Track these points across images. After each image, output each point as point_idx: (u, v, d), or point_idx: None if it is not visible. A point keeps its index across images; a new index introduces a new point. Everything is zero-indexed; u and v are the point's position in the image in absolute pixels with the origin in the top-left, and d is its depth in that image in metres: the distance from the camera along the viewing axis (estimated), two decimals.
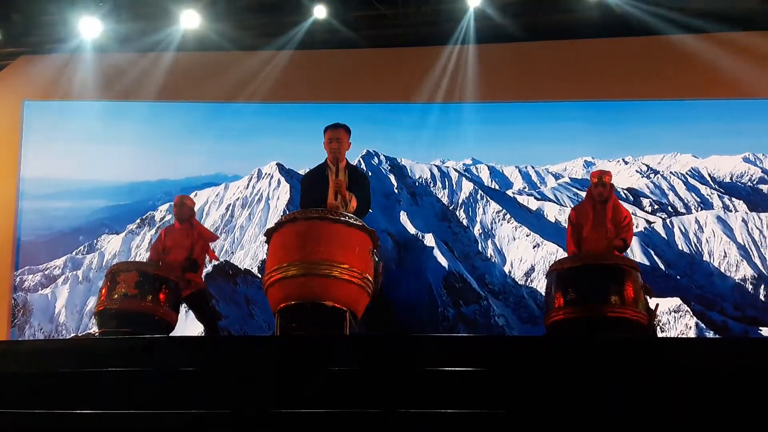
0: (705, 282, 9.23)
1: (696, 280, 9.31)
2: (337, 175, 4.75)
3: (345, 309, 4.01)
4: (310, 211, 4.24)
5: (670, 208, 9.99)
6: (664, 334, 8.36)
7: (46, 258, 9.60)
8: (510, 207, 10.39)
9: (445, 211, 10.30)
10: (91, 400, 2.98)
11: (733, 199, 9.82)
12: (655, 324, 4.98)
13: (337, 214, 4.20)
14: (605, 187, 5.53)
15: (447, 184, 10.52)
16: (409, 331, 9.10)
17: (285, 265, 4.04)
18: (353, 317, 4.08)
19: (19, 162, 8.74)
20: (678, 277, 9.30)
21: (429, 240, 9.98)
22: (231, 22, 8.19)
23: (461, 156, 10.41)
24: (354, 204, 4.68)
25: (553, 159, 10.24)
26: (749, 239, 9.28)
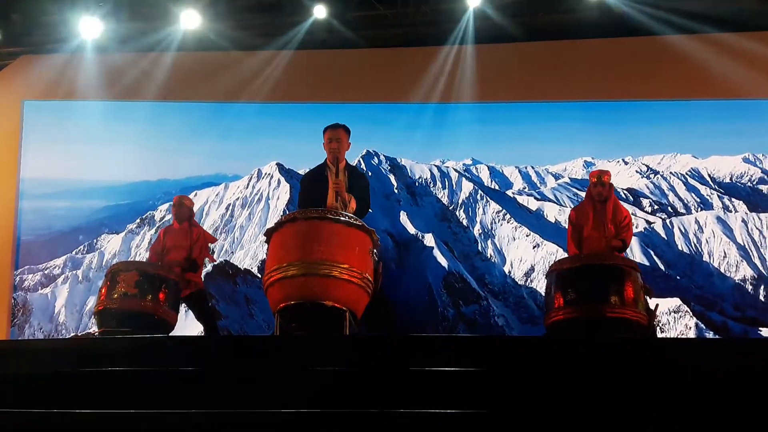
0: (705, 282, 9.23)
1: (696, 281, 9.31)
2: (337, 176, 4.75)
3: (345, 309, 4.01)
4: (310, 211, 4.24)
5: (669, 208, 9.98)
6: (664, 335, 8.35)
7: (45, 258, 9.60)
8: (510, 207, 10.39)
9: (445, 211, 10.30)
10: (91, 399, 2.98)
11: (732, 199, 9.82)
12: (655, 324, 4.98)
13: (337, 214, 4.20)
14: (604, 187, 5.54)
15: (447, 184, 10.52)
16: (409, 331, 9.10)
17: (285, 265, 4.04)
18: (353, 317, 4.08)
19: (19, 162, 8.74)
20: (678, 277, 9.30)
21: (429, 240, 9.98)
22: (231, 22, 8.19)
23: (461, 156, 10.41)
24: (353, 205, 4.68)
25: (553, 159, 10.25)
26: (749, 240, 9.28)
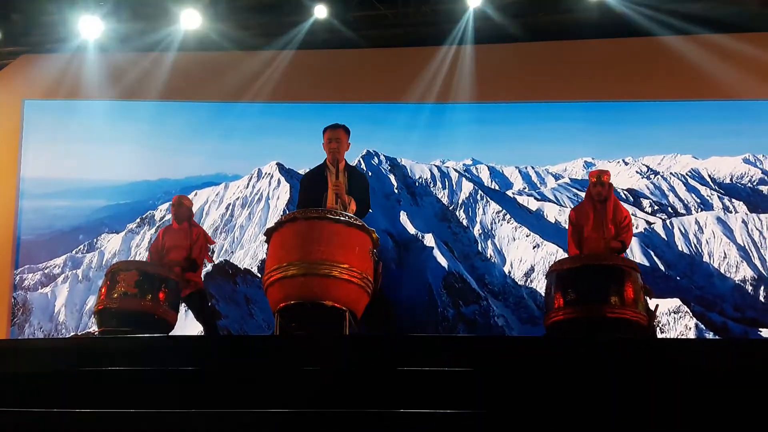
0: (705, 283, 9.22)
1: (696, 281, 9.31)
2: (337, 177, 4.75)
3: (345, 309, 4.01)
4: (310, 210, 4.24)
5: (670, 209, 9.98)
6: (664, 335, 8.35)
7: (45, 257, 9.59)
8: (510, 207, 10.39)
9: (445, 211, 10.30)
10: (91, 399, 2.98)
11: (733, 200, 9.82)
12: (655, 325, 4.98)
13: (337, 214, 4.20)
14: (604, 187, 5.54)
15: (447, 184, 10.52)
16: (409, 331, 9.09)
17: (285, 264, 4.04)
18: (353, 317, 4.08)
19: (19, 161, 8.74)
20: (678, 278, 9.29)
21: (429, 240, 9.98)
22: (231, 22, 8.19)
23: (461, 156, 10.41)
24: (353, 207, 4.68)
25: (553, 159, 10.24)
26: (749, 240, 9.28)
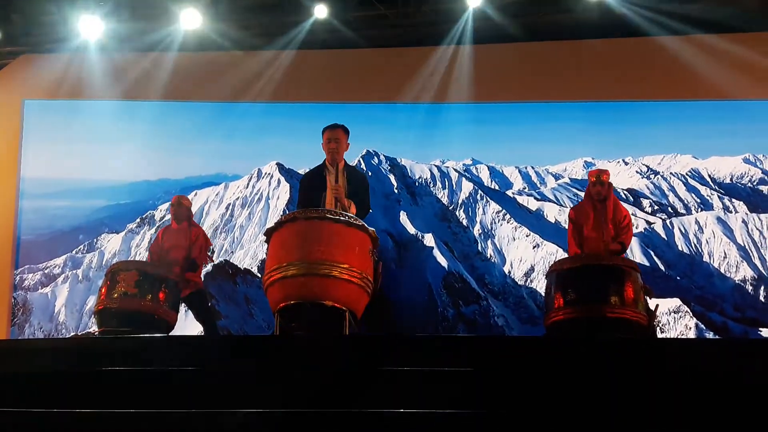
0: (705, 283, 9.23)
1: (696, 281, 9.31)
2: (337, 180, 4.75)
3: (345, 309, 4.01)
4: (310, 210, 4.24)
5: (670, 208, 9.99)
6: (664, 335, 8.35)
7: (45, 257, 9.60)
8: (510, 207, 10.39)
9: (445, 211, 10.30)
10: (91, 399, 2.98)
11: (733, 200, 9.83)
12: (655, 325, 4.98)
13: (337, 214, 4.20)
14: (603, 186, 5.53)
15: (447, 184, 10.52)
16: (409, 331, 9.10)
17: (285, 264, 4.04)
18: (353, 317, 4.08)
19: (19, 161, 8.73)
20: (678, 277, 9.30)
21: (429, 240, 9.98)
22: (231, 22, 8.18)
23: (461, 156, 10.42)
24: (353, 211, 4.68)
25: (553, 159, 10.26)
26: (749, 240, 9.28)
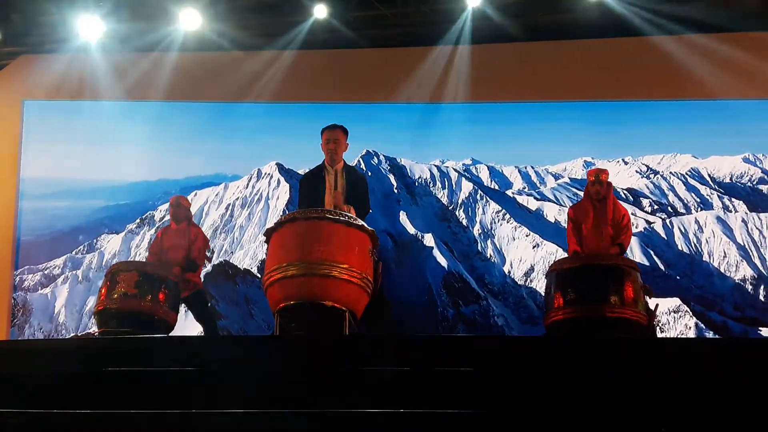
0: (705, 282, 9.23)
1: (696, 281, 9.31)
2: (336, 186, 4.74)
3: (344, 309, 4.00)
4: (310, 210, 4.24)
5: (669, 208, 9.99)
6: (664, 335, 8.36)
7: (45, 258, 9.60)
8: (509, 207, 10.40)
9: (445, 211, 10.31)
10: (91, 399, 2.98)
11: (732, 199, 9.83)
12: (655, 324, 4.98)
13: (337, 214, 4.20)
14: (602, 186, 5.53)
15: (446, 184, 10.53)
16: (409, 331, 9.10)
17: (285, 264, 4.04)
18: (353, 317, 4.08)
19: (19, 162, 8.73)
20: (678, 277, 9.30)
21: (428, 240, 9.99)
22: (231, 22, 8.18)
23: (461, 156, 10.42)
24: (352, 214, 4.67)
25: (553, 159, 10.26)
26: (749, 239, 9.28)
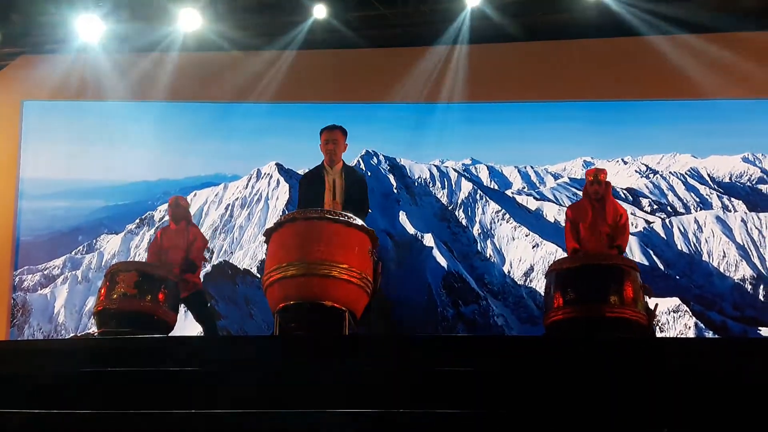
0: (704, 282, 9.23)
1: (695, 280, 9.32)
2: (335, 191, 4.74)
3: (344, 309, 4.01)
4: (310, 211, 4.24)
5: (669, 208, 10.00)
6: (664, 334, 8.36)
7: (45, 258, 9.60)
8: (509, 207, 10.40)
9: (445, 211, 10.31)
10: (91, 400, 2.98)
11: (732, 199, 9.84)
12: (654, 324, 4.99)
13: (337, 214, 4.20)
14: (600, 185, 5.54)
15: (446, 184, 10.53)
16: (409, 331, 9.10)
17: (284, 265, 4.04)
18: (352, 317, 4.08)
19: (19, 162, 8.73)
20: (677, 277, 9.30)
21: (428, 240, 9.99)
22: (230, 22, 8.17)
23: (460, 156, 10.43)
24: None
25: (552, 159, 10.27)
26: (748, 239, 9.29)
